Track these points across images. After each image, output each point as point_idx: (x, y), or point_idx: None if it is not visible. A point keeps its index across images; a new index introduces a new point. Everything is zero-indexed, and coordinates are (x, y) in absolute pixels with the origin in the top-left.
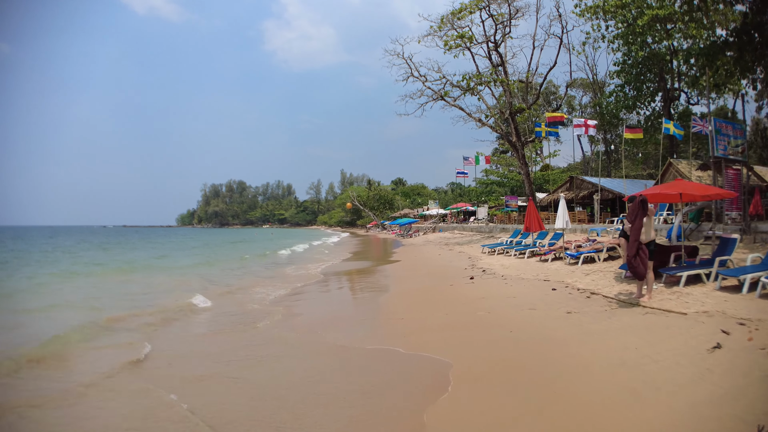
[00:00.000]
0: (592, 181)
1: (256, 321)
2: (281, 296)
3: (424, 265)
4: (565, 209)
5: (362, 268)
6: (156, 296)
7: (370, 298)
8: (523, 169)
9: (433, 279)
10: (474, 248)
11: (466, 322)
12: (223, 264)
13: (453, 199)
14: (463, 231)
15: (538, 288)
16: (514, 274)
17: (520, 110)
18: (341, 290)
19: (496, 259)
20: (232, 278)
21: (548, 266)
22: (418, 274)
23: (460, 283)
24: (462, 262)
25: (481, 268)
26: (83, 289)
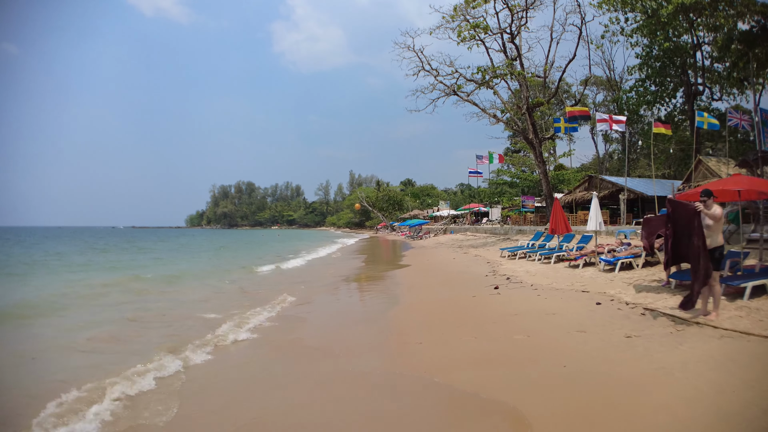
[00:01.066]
0: (613, 180)
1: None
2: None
3: (439, 271)
4: (598, 209)
5: (370, 274)
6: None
7: (378, 311)
8: (540, 168)
9: (451, 288)
10: (491, 252)
11: (503, 350)
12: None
13: (463, 200)
14: (476, 233)
15: (579, 301)
16: (544, 283)
17: (538, 104)
18: (341, 301)
19: (518, 265)
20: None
21: (581, 273)
22: (432, 281)
23: (483, 293)
24: (481, 267)
25: (504, 275)
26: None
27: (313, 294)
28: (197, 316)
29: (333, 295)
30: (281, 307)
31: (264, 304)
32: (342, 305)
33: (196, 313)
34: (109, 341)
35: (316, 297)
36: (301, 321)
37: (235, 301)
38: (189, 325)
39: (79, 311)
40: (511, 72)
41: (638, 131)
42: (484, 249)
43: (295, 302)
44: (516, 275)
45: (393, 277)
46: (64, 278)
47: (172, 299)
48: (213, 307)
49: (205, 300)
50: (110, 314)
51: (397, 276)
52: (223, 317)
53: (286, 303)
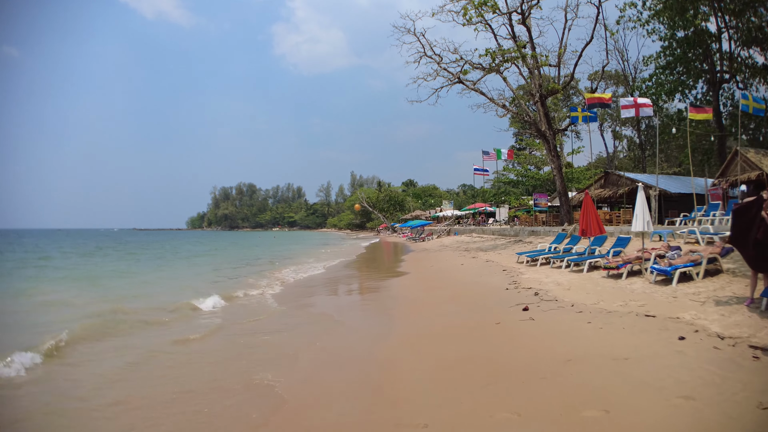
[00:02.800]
0: (632, 176)
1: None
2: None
3: (445, 281)
4: (645, 205)
5: (357, 284)
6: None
7: (359, 351)
8: (554, 163)
9: (463, 308)
10: (504, 256)
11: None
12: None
13: (466, 200)
14: (483, 234)
15: (651, 334)
16: (587, 301)
17: (552, 92)
18: (301, 329)
19: (542, 273)
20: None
21: (628, 287)
22: (437, 297)
23: (509, 317)
24: (496, 276)
25: (529, 288)
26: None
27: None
28: None
29: (293, 315)
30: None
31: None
32: (303, 334)
33: None
34: None
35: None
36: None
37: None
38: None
39: None
40: (522, 55)
41: (654, 125)
42: (495, 253)
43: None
44: (545, 288)
45: (387, 289)
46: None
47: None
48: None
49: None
50: None
51: (392, 288)
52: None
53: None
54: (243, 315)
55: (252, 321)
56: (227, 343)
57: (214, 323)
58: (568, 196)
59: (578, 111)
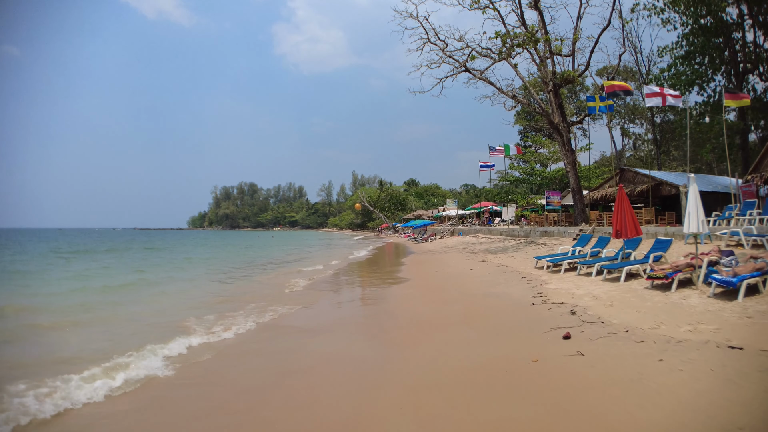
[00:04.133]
0: (651, 174)
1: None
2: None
3: (454, 292)
4: (698, 202)
5: (343, 296)
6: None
7: (333, 414)
8: (567, 158)
9: (482, 333)
10: (518, 260)
11: None
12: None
13: (468, 200)
14: (490, 234)
15: (751, 378)
16: (642, 323)
17: (567, 80)
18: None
19: (571, 282)
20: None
21: (682, 301)
22: (445, 314)
23: (548, 350)
24: (516, 286)
25: (561, 303)
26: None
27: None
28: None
29: (255, 340)
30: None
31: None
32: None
33: None
34: None
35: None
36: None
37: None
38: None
39: None
40: (534, 39)
41: (672, 120)
42: (507, 256)
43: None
44: (581, 304)
45: (384, 301)
46: None
47: None
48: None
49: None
50: None
51: (390, 299)
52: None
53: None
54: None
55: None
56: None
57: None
58: (583, 194)
59: (596, 100)
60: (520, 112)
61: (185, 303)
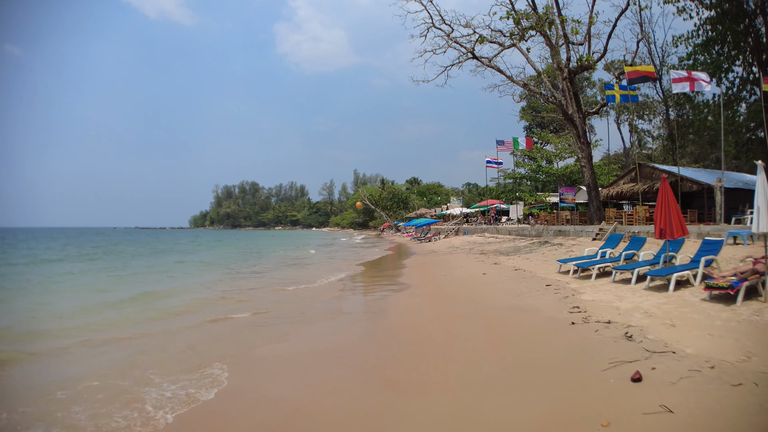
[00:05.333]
0: (669, 169)
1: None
2: None
3: (468, 304)
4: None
5: (328, 307)
6: None
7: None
8: (582, 151)
9: (516, 371)
10: (534, 262)
11: None
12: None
13: (471, 199)
14: (498, 234)
15: None
16: (726, 354)
17: (584, 67)
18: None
19: (610, 291)
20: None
21: (753, 318)
22: (462, 336)
23: (619, 402)
24: (543, 295)
25: (608, 322)
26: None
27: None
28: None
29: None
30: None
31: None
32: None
33: None
34: None
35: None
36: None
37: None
38: None
39: None
40: (549, 21)
41: (688, 115)
42: (521, 257)
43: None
44: (633, 322)
45: (384, 314)
46: None
47: None
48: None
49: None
50: None
51: (388, 312)
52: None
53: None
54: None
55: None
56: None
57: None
58: (599, 191)
59: (615, 89)
60: (525, 108)
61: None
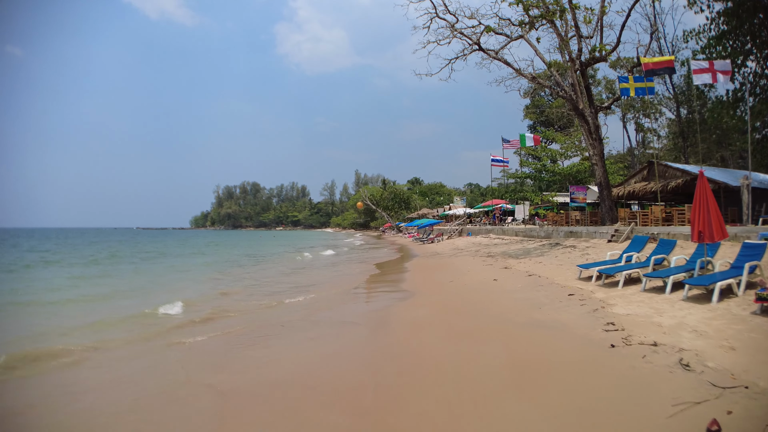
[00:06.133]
0: (684, 168)
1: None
2: None
3: (481, 318)
4: None
5: (312, 318)
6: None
7: None
8: (594, 148)
9: (557, 422)
10: (548, 266)
11: None
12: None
13: (474, 199)
14: (504, 235)
15: None
16: None
17: (596, 59)
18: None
19: (645, 303)
20: None
21: None
22: (479, 369)
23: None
24: (569, 308)
25: (655, 345)
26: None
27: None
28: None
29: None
30: None
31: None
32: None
33: None
34: None
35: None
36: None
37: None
38: None
39: None
40: (561, 8)
41: (701, 108)
42: (533, 261)
43: None
44: (684, 344)
45: (380, 331)
46: None
47: None
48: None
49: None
50: None
51: (389, 327)
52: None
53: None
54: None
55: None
56: None
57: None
58: (611, 190)
59: (629, 81)
60: (529, 106)
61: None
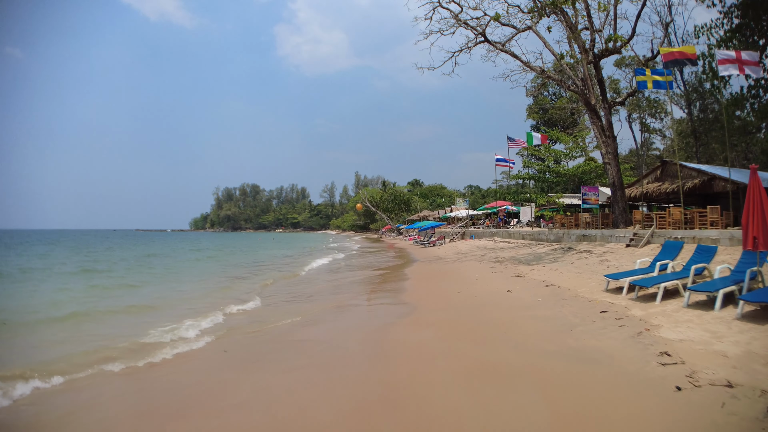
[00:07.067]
0: (700, 167)
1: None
2: None
3: (503, 348)
4: None
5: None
6: None
7: None
8: (608, 146)
9: None
10: (565, 274)
11: None
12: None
13: (474, 201)
14: (510, 238)
15: None
16: None
17: (610, 50)
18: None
19: (697, 324)
20: None
21: None
22: (511, 422)
23: None
24: (605, 330)
25: (729, 386)
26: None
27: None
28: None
29: None
30: None
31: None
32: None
33: None
34: None
35: None
36: None
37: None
38: None
39: None
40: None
41: (712, 106)
42: (546, 268)
43: None
44: (762, 382)
45: (377, 365)
46: None
47: None
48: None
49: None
50: None
51: (387, 359)
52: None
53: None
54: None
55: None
56: None
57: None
58: (624, 190)
59: (647, 74)
60: (532, 105)
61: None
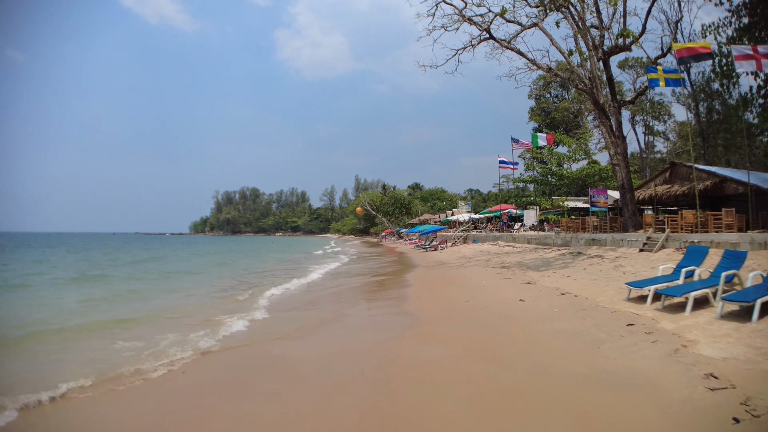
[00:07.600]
0: (711, 169)
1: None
2: None
3: (523, 372)
4: None
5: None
6: None
7: None
8: (617, 147)
9: None
10: (579, 281)
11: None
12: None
13: (475, 204)
14: (514, 242)
15: None
16: None
17: (620, 47)
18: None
19: (735, 338)
20: None
21: None
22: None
23: None
24: (634, 345)
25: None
26: None
27: None
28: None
29: None
30: None
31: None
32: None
33: None
34: None
35: None
36: None
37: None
38: None
39: None
40: None
41: (717, 108)
42: (557, 274)
43: None
44: None
45: (372, 392)
46: None
47: None
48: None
49: None
50: None
51: (389, 387)
52: None
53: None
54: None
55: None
56: None
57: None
58: (634, 193)
59: (658, 72)
60: (534, 108)
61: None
